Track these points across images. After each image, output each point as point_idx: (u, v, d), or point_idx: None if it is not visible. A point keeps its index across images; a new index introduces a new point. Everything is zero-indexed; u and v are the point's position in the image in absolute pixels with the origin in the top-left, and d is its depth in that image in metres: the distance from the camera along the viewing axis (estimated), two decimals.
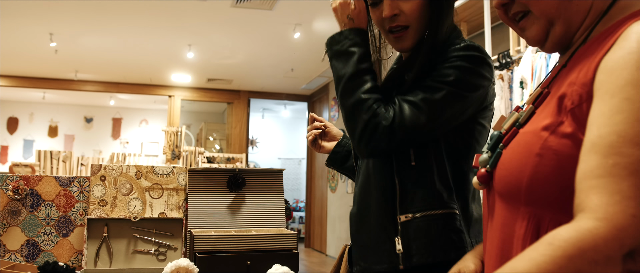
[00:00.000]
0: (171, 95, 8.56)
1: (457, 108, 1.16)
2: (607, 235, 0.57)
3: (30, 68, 7.70)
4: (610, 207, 0.59)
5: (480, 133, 1.24)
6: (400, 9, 1.22)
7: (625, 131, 0.61)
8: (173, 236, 1.73)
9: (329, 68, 5.57)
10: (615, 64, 0.67)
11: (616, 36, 0.71)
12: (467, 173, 1.22)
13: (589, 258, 0.57)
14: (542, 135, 0.73)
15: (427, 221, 1.16)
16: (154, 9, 5.15)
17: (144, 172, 1.75)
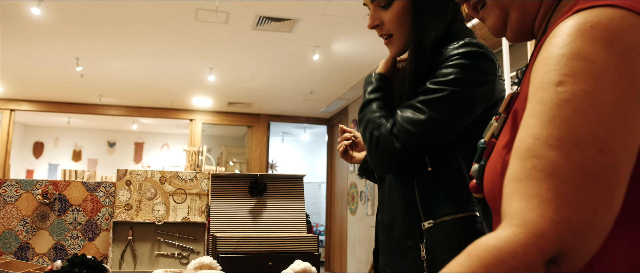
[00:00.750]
0: (192, 119, 8.68)
1: (463, 106, 1.15)
2: (526, 241, 0.55)
3: (57, 93, 7.89)
4: (529, 212, 0.56)
5: None
6: (381, 19, 1.28)
7: (539, 133, 0.59)
8: (196, 240, 1.76)
9: (348, 91, 5.69)
10: (535, 71, 0.65)
11: (546, 36, 0.67)
12: None
13: (508, 266, 0.54)
14: (502, 153, 0.72)
15: (448, 226, 1.17)
16: (177, 32, 5.28)
17: (168, 177, 1.79)
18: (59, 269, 1.04)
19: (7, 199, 1.76)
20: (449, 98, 1.13)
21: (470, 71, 1.15)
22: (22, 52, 5.98)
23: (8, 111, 8.22)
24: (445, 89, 1.13)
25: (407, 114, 1.15)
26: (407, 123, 1.14)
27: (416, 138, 1.14)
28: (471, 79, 1.15)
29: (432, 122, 1.13)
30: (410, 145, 1.14)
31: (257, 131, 8.87)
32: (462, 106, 1.15)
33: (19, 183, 1.77)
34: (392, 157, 1.16)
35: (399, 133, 1.14)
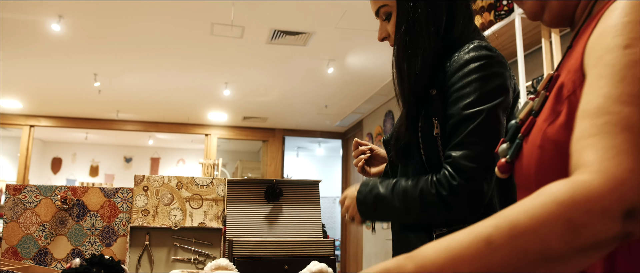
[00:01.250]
0: (208, 134, 8.74)
1: (500, 118, 1.15)
2: (603, 186, 0.53)
3: (75, 109, 8.01)
4: (606, 161, 0.55)
5: None
6: (387, 31, 1.34)
7: (610, 92, 0.60)
8: (212, 245, 1.76)
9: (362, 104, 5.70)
10: (595, 41, 0.67)
11: (600, 14, 0.70)
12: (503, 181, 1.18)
13: (581, 207, 0.53)
14: (542, 126, 0.73)
15: None
16: (192, 46, 5.34)
17: (184, 183, 1.80)
18: (77, 267, 1.05)
19: (26, 205, 1.78)
20: (488, 119, 1.13)
21: (489, 79, 1.15)
22: (42, 68, 6.09)
23: (28, 127, 8.35)
24: (482, 111, 1.13)
25: (467, 153, 1.13)
26: (473, 162, 1.12)
27: (486, 170, 1.12)
28: (494, 87, 1.15)
29: (488, 147, 1.11)
30: (485, 179, 1.12)
31: (272, 146, 8.89)
32: (499, 116, 1.15)
33: (39, 189, 1.79)
34: (476, 198, 1.13)
35: (470, 173, 1.11)
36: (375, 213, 1.28)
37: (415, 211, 1.19)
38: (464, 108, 1.14)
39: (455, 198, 1.12)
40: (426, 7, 1.23)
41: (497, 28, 3.75)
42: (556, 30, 3.44)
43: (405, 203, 1.20)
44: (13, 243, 1.76)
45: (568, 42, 0.82)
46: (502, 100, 1.15)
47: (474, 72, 1.15)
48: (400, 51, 1.25)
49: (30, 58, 5.76)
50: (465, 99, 1.15)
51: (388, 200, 1.23)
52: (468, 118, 1.14)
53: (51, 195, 1.79)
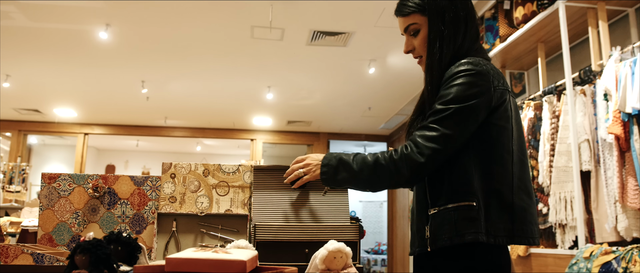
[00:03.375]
0: (253, 139, 8.84)
1: (467, 118, 1.41)
2: None
3: (125, 116, 8.27)
4: None
5: (500, 133, 1.45)
6: (413, 45, 1.60)
7: None
8: (238, 232, 1.76)
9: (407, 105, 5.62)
10: None
11: None
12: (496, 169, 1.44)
13: None
14: None
15: (447, 212, 1.42)
16: (234, 51, 5.42)
17: (211, 170, 1.81)
18: (90, 240, 1.06)
19: (61, 193, 1.83)
20: (454, 114, 1.41)
21: (467, 88, 1.42)
22: (92, 76, 6.32)
23: (82, 134, 8.68)
24: (451, 108, 1.41)
25: (425, 133, 1.42)
26: (426, 141, 1.41)
27: (435, 151, 1.40)
28: (468, 94, 1.41)
29: (445, 136, 1.40)
30: (431, 158, 1.41)
31: (317, 150, 8.90)
32: (466, 118, 1.41)
33: (72, 178, 1.84)
34: (419, 170, 1.42)
35: (422, 149, 1.41)
36: (334, 174, 1.52)
37: (367, 172, 1.46)
38: (439, 103, 1.44)
39: (403, 163, 1.42)
40: (451, 29, 1.51)
41: (540, 19, 3.61)
42: (604, 18, 3.29)
43: (361, 166, 1.47)
44: (48, 230, 1.81)
45: (617, 31, 0.77)
46: (472, 104, 1.41)
47: (457, 79, 1.44)
48: (434, 62, 1.51)
49: (81, 67, 5.99)
50: (443, 97, 1.44)
51: (348, 163, 1.50)
52: (438, 111, 1.43)
53: (84, 183, 1.84)
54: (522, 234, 1.42)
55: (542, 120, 3.71)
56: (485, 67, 1.46)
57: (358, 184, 1.51)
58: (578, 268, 2.86)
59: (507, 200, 1.43)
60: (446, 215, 1.42)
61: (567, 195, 3.32)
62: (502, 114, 1.46)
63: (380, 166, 1.45)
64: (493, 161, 1.44)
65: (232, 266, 1.08)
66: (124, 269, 1.17)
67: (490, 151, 1.45)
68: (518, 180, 1.45)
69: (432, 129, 1.42)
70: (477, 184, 1.42)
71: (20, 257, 1.52)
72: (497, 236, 1.40)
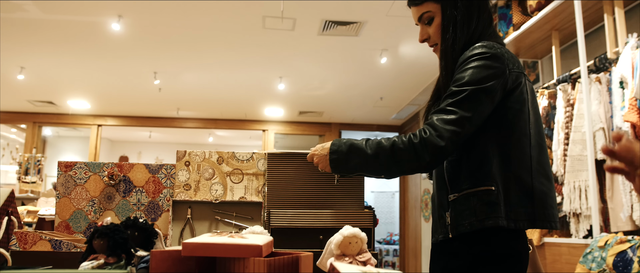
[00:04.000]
0: (265, 129, 8.85)
1: (482, 100, 1.40)
2: None
3: (138, 107, 8.32)
4: None
5: (516, 116, 1.45)
6: (428, 33, 1.61)
7: None
8: (252, 219, 1.77)
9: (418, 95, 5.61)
10: None
11: None
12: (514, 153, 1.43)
13: None
14: None
15: (466, 197, 1.42)
16: (246, 41, 5.42)
17: (225, 158, 1.82)
18: (108, 225, 1.08)
19: (77, 181, 1.85)
20: (471, 96, 1.40)
21: (482, 70, 1.41)
22: (105, 68, 6.36)
23: (95, 126, 8.75)
24: (466, 90, 1.40)
25: (443, 116, 1.40)
26: (445, 124, 1.39)
27: (455, 133, 1.38)
28: (483, 76, 1.41)
29: (463, 118, 1.39)
30: (451, 141, 1.38)
31: (329, 140, 8.89)
32: (482, 100, 1.40)
33: (88, 166, 1.86)
34: (440, 154, 1.39)
35: (441, 132, 1.38)
36: (345, 161, 1.47)
37: (384, 157, 1.42)
38: (455, 86, 1.43)
39: (423, 147, 1.38)
40: (464, 14, 1.52)
41: (555, 6, 3.57)
42: (620, 5, 3.24)
43: (377, 150, 1.43)
44: (65, 217, 1.84)
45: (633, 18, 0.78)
46: (487, 86, 1.40)
47: (471, 62, 1.43)
48: (448, 47, 1.52)
49: (94, 59, 6.03)
50: (458, 81, 1.43)
51: (360, 148, 1.45)
52: (454, 93, 1.42)
53: (99, 172, 1.85)
54: (544, 218, 1.42)
55: (556, 109, 3.68)
56: (499, 50, 1.46)
57: (372, 170, 1.47)
58: (593, 257, 2.84)
59: (527, 184, 1.42)
60: (466, 200, 1.42)
61: (581, 184, 3.30)
62: (518, 98, 1.46)
63: (399, 150, 1.41)
64: (511, 145, 1.43)
65: (248, 250, 1.09)
66: (141, 254, 1.18)
67: (508, 135, 1.44)
68: (537, 163, 1.44)
69: (449, 112, 1.40)
70: (495, 168, 1.42)
71: (38, 243, 1.54)
72: (517, 220, 1.39)
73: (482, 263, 1.39)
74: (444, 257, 1.49)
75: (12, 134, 10.20)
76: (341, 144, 1.50)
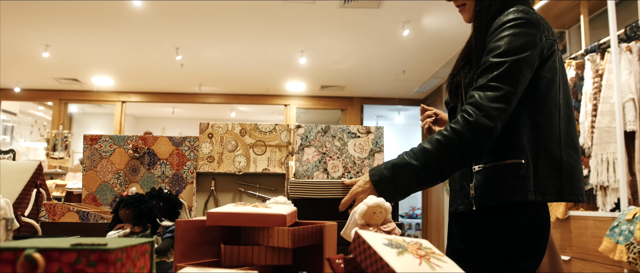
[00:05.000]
0: (287, 104, 8.85)
1: (523, 69, 1.33)
2: None
3: (160, 84, 8.38)
4: None
5: (549, 86, 1.39)
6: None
7: None
8: (276, 191, 1.77)
9: (441, 68, 5.56)
10: None
11: None
12: (545, 124, 1.38)
13: None
14: None
15: (493, 170, 1.37)
16: (267, 15, 5.38)
17: (248, 129, 1.82)
18: (133, 194, 1.08)
19: (102, 154, 1.87)
20: (511, 68, 1.32)
21: (519, 38, 1.34)
22: (128, 44, 6.39)
23: (120, 102, 8.85)
24: (506, 61, 1.33)
25: (487, 93, 1.31)
26: (491, 102, 1.31)
27: (503, 110, 1.31)
28: (521, 44, 1.34)
29: (508, 93, 1.31)
30: (500, 119, 1.31)
31: (351, 114, 8.87)
32: (523, 71, 1.33)
33: (113, 139, 1.88)
34: (490, 134, 1.31)
35: (488, 111, 1.29)
36: (394, 185, 1.36)
37: (435, 160, 1.32)
38: (493, 56, 1.35)
39: (471, 132, 1.29)
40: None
41: None
42: None
43: (423, 158, 1.33)
44: (92, 190, 1.86)
45: None
46: (526, 55, 1.33)
47: (507, 30, 1.36)
48: (483, 8, 1.45)
49: (117, 35, 6.06)
50: (495, 50, 1.35)
51: (403, 164, 1.36)
52: (494, 65, 1.34)
53: (124, 144, 1.87)
54: (571, 191, 1.38)
55: (583, 80, 3.60)
56: (535, 16, 1.39)
57: (427, 180, 1.37)
58: (620, 230, 2.80)
59: (556, 156, 1.38)
60: (493, 172, 1.37)
61: (609, 156, 3.23)
62: (551, 67, 1.40)
63: (447, 147, 1.32)
64: (541, 116, 1.38)
65: (273, 220, 1.09)
66: (166, 224, 1.19)
67: (539, 105, 1.38)
68: (565, 135, 1.40)
69: (493, 88, 1.32)
70: (525, 140, 1.37)
71: (67, 215, 1.57)
72: (545, 194, 1.36)
73: (504, 234, 1.37)
74: (463, 227, 1.45)
75: (40, 112, 10.39)
76: (381, 171, 1.38)
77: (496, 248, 1.37)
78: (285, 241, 1.06)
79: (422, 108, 1.79)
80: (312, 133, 1.78)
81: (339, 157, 1.76)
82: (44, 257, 0.67)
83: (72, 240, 0.77)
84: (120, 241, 0.77)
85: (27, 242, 0.75)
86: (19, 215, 1.55)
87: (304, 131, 1.79)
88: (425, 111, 1.78)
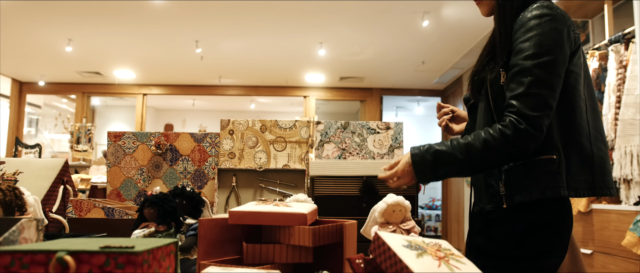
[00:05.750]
0: (306, 96, 8.87)
1: (558, 68, 1.31)
2: None
3: (181, 76, 8.45)
4: None
5: (576, 80, 1.37)
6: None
7: None
8: (296, 186, 1.79)
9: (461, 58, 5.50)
10: None
11: None
12: (575, 118, 1.37)
13: None
14: None
15: (525, 166, 1.35)
16: (285, 6, 5.39)
17: (268, 126, 1.84)
18: (157, 194, 1.11)
19: (126, 150, 1.91)
20: (548, 71, 1.30)
21: (549, 36, 1.31)
22: (148, 38, 6.46)
23: (141, 95, 8.95)
24: (542, 64, 1.30)
25: (530, 103, 1.29)
26: (534, 111, 1.29)
27: (547, 116, 1.30)
28: (553, 43, 1.31)
29: (548, 97, 1.30)
30: (545, 124, 1.30)
31: (370, 106, 8.85)
32: (558, 71, 1.32)
33: (136, 136, 1.91)
34: (537, 142, 1.30)
35: (533, 121, 1.28)
36: (433, 170, 1.38)
37: (478, 158, 1.33)
38: (525, 58, 1.31)
39: (520, 138, 1.28)
40: None
41: None
42: None
43: (468, 153, 1.33)
44: (116, 185, 1.90)
45: None
46: (558, 55, 1.31)
47: (534, 28, 1.32)
48: (507, 2, 1.42)
49: (138, 29, 6.13)
50: (525, 51, 1.32)
51: (448, 154, 1.36)
52: (527, 70, 1.31)
53: (147, 141, 1.90)
54: (603, 185, 1.37)
55: (607, 71, 3.54)
56: (559, 11, 1.37)
57: (466, 173, 1.40)
58: None
59: (587, 150, 1.37)
60: (525, 169, 1.35)
61: (633, 149, 3.19)
62: (577, 61, 1.38)
63: (494, 148, 1.32)
64: (572, 111, 1.37)
65: (293, 219, 1.10)
66: (189, 222, 1.22)
67: (568, 100, 1.36)
68: (593, 129, 1.39)
69: (533, 96, 1.29)
70: (557, 136, 1.35)
71: (92, 211, 1.61)
72: (577, 189, 1.35)
73: (528, 230, 1.36)
74: (486, 223, 1.43)
75: (63, 104, 10.57)
76: (424, 155, 1.40)
77: (519, 245, 1.36)
78: (305, 239, 1.08)
79: (438, 105, 1.79)
80: (332, 128, 1.79)
81: (359, 153, 1.77)
82: (75, 259, 0.70)
83: (101, 241, 0.80)
84: (146, 242, 0.79)
85: (58, 243, 0.78)
86: (47, 211, 1.59)
87: (323, 127, 1.80)
88: (441, 109, 1.77)
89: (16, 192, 1.18)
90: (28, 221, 0.89)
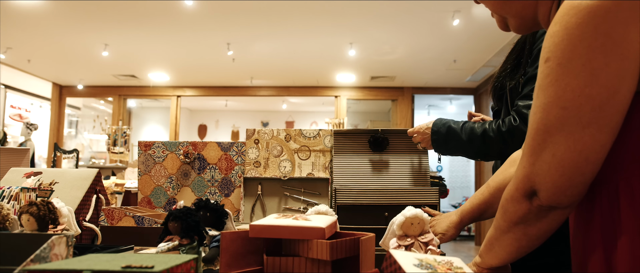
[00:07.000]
0: (337, 95, 8.89)
1: None
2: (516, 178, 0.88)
3: (213, 78, 8.58)
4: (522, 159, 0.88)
5: None
6: None
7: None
8: (320, 195, 1.82)
9: (494, 57, 5.42)
10: None
11: None
12: None
13: (504, 195, 0.90)
14: None
15: None
16: (315, 8, 5.42)
17: (292, 135, 1.87)
18: (181, 208, 1.15)
19: (156, 159, 1.97)
20: None
21: None
22: (181, 41, 6.59)
23: (175, 97, 9.13)
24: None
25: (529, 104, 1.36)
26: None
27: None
28: None
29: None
30: None
31: (402, 105, 8.81)
32: None
33: (165, 145, 1.97)
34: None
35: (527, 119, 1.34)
36: (445, 143, 1.58)
37: (477, 143, 1.50)
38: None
39: (511, 135, 1.42)
40: None
41: None
42: None
43: (470, 136, 1.52)
44: (147, 193, 1.96)
45: None
46: None
47: None
48: None
49: (171, 33, 6.26)
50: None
51: (456, 133, 1.55)
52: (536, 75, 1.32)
53: (175, 150, 1.96)
54: None
55: None
56: None
57: (468, 153, 1.57)
58: None
59: None
60: None
61: None
62: None
63: (488, 137, 1.48)
64: None
65: (312, 233, 1.13)
66: (212, 234, 1.26)
67: None
68: None
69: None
70: None
71: (124, 219, 1.67)
72: None
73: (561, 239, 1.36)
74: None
75: (101, 105, 10.86)
76: (441, 126, 1.60)
77: (560, 252, 1.35)
78: (323, 253, 1.10)
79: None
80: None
81: None
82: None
83: (124, 259, 0.84)
84: (166, 260, 0.83)
85: (84, 262, 0.82)
86: (81, 220, 1.66)
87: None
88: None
89: (50, 207, 1.24)
90: (59, 238, 0.94)
